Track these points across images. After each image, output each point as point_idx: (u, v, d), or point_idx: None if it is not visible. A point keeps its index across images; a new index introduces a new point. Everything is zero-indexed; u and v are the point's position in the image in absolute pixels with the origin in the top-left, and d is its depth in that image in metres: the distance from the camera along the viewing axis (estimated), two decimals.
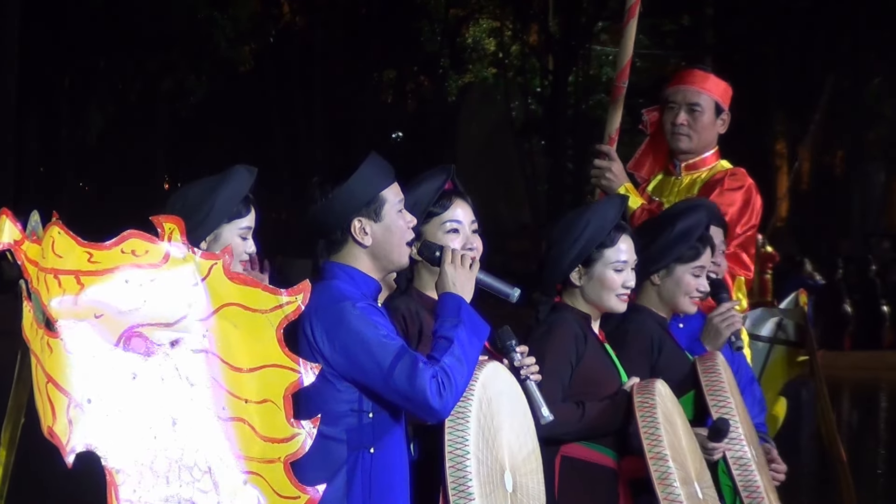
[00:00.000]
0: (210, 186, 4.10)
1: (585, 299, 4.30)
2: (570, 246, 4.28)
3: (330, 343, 3.52)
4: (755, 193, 5.38)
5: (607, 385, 4.21)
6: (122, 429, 3.03)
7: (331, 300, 3.56)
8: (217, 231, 4.07)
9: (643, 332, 4.52)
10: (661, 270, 4.59)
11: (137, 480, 3.02)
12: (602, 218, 4.30)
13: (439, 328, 3.61)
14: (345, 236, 3.64)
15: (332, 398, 3.54)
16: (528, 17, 28.94)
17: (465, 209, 4.02)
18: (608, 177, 5.39)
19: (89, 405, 2.98)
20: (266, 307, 3.29)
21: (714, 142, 5.52)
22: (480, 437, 3.62)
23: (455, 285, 3.71)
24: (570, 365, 4.19)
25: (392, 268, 3.73)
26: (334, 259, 3.67)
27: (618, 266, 4.26)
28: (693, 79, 5.51)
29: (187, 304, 3.18)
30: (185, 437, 3.11)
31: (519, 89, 29.80)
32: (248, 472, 3.18)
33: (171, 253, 3.17)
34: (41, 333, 2.98)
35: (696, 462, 4.22)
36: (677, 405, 4.26)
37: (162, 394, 3.10)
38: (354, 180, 3.62)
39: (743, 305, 5.47)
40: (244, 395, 3.22)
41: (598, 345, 4.29)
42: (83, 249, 3.06)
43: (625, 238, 4.28)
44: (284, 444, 3.26)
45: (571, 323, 4.25)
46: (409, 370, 3.48)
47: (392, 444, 3.62)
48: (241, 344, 3.24)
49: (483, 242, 4.10)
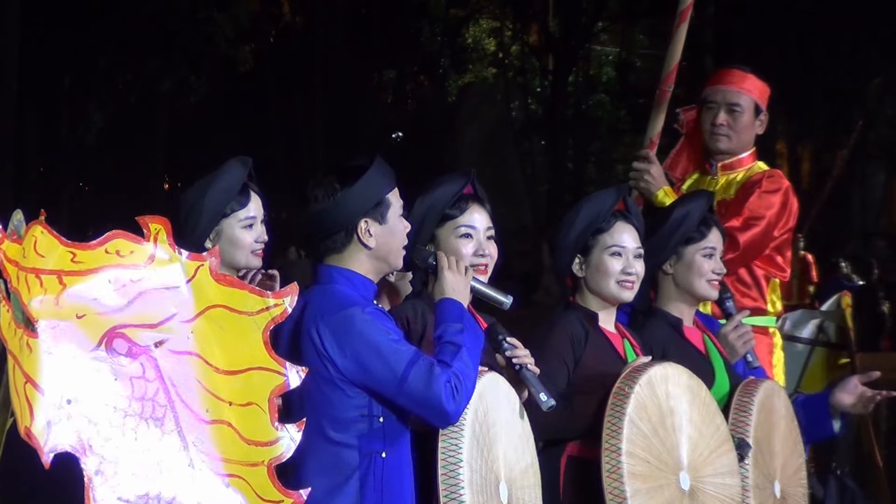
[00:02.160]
0: (203, 185, 4.12)
1: (591, 292, 4.31)
2: (566, 235, 4.30)
3: (340, 350, 3.51)
4: (792, 196, 5.37)
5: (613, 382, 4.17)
6: (102, 430, 3.02)
7: (337, 306, 3.56)
8: (218, 228, 4.09)
9: (643, 342, 4.49)
10: (671, 258, 4.58)
11: (117, 482, 3.00)
12: (597, 205, 4.31)
13: (444, 333, 3.61)
14: (349, 237, 3.63)
15: (342, 404, 3.54)
16: (528, 17, 28.91)
17: (482, 215, 4.02)
18: (647, 179, 5.37)
19: (69, 406, 2.97)
20: (253, 309, 3.28)
21: (752, 142, 5.50)
22: (475, 446, 3.61)
23: (455, 291, 3.72)
24: (564, 365, 4.18)
25: (387, 270, 3.75)
26: (334, 260, 3.66)
27: (613, 250, 4.25)
28: (733, 79, 5.48)
29: (172, 306, 3.17)
30: (167, 439, 3.10)
31: (519, 89, 29.81)
32: (230, 474, 3.17)
33: (157, 254, 3.17)
34: (20, 333, 2.96)
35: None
36: (691, 391, 4.19)
37: (144, 395, 3.09)
38: (364, 182, 3.61)
39: (777, 308, 5.46)
40: (228, 398, 3.21)
41: (605, 343, 4.26)
42: (66, 249, 3.05)
43: (623, 224, 4.28)
44: (268, 448, 3.25)
45: (570, 323, 4.24)
46: (425, 375, 3.48)
47: (401, 447, 3.62)
48: (226, 346, 3.23)
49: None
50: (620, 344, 4.32)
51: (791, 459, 4.51)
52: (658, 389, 4.06)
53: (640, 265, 4.30)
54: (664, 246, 4.56)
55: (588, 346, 4.22)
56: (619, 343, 4.32)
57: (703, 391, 4.20)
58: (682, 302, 4.62)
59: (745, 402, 4.39)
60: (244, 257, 4.15)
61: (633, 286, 4.28)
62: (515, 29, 29.94)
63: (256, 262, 4.18)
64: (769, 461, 4.38)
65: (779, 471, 4.42)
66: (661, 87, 5.52)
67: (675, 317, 4.60)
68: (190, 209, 4.08)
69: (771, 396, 4.48)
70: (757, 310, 5.37)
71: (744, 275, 5.37)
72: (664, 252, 4.56)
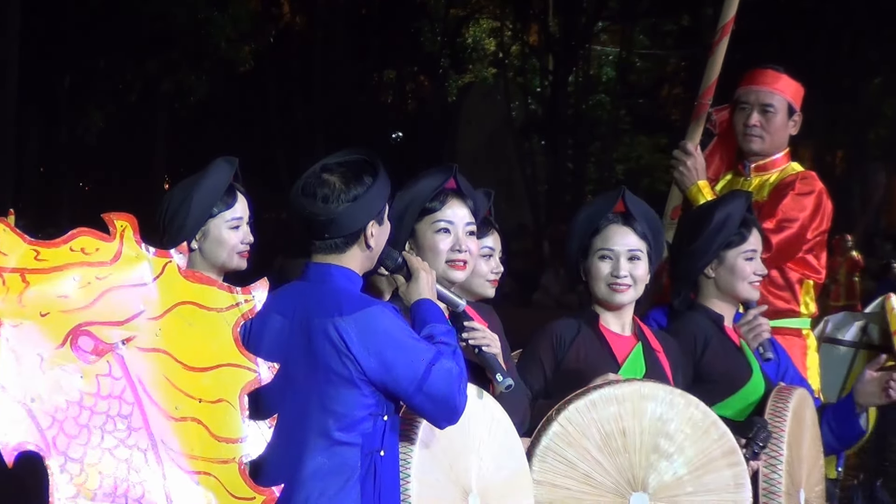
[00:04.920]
0: (189, 184, 4.10)
1: (591, 294, 4.31)
2: (568, 240, 4.33)
3: (364, 347, 3.47)
4: (825, 198, 5.32)
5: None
6: (67, 428, 3.01)
7: (356, 303, 3.52)
8: (204, 228, 4.06)
9: (687, 331, 4.51)
10: (713, 261, 4.58)
11: (82, 481, 2.99)
12: (593, 207, 4.32)
13: (435, 333, 3.60)
14: (355, 238, 3.61)
15: (355, 403, 3.50)
16: (528, 17, 28.91)
17: (461, 210, 3.99)
18: (681, 170, 5.30)
19: (32, 404, 2.96)
20: (222, 306, 3.28)
21: (785, 143, 5.43)
22: (429, 459, 3.59)
23: (432, 291, 3.72)
24: (540, 363, 4.21)
25: (370, 268, 3.73)
26: (332, 259, 3.62)
27: (602, 253, 4.25)
28: (766, 79, 5.42)
29: (139, 303, 3.17)
30: (134, 437, 3.09)
31: (519, 89, 29.78)
32: (199, 472, 3.16)
33: (123, 251, 3.16)
34: None
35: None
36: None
37: (110, 393, 3.08)
38: (378, 186, 3.60)
39: (810, 310, 5.41)
40: (198, 395, 3.21)
41: (598, 345, 4.25)
42: (30, 247, 3.04)
43: (616, 227, 4.27)
44: (240, 445, 3.24)
45: (558, 326, 4.26)
46: (445, 375, 3.47)
47: (395, 443, 3.60)
48: (195, 343, 3.23)
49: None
50: (625, 346, 4.29)
51: (814, 470, 4.51)
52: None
53: (639, 267, 4.26)
54: (706, 250, 4.56)
55: (575, 347, 4.21)
56: (623, 345, 4.29)
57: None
58: (724, 302, 4.64)
59: (779, 407, 4.36)
60: (230, 258, 4.13)
61: (628, 289, 4.25)
62: (515, 29, 29.92)
63: (242, 263, 4.16)
64: (798, 469, 4.36)
65: (804, 479, 4.41)
66: (700, 101, 5.44)
67: (716, 313, 4.61)
68: (176, 209, 4.06)
69: (802, 405, 4.46)
70: (789, 311, 5.33)
71: (776, 276, 5.32)
72: (706, 256, 4.57)
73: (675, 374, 4.31)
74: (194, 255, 4.10)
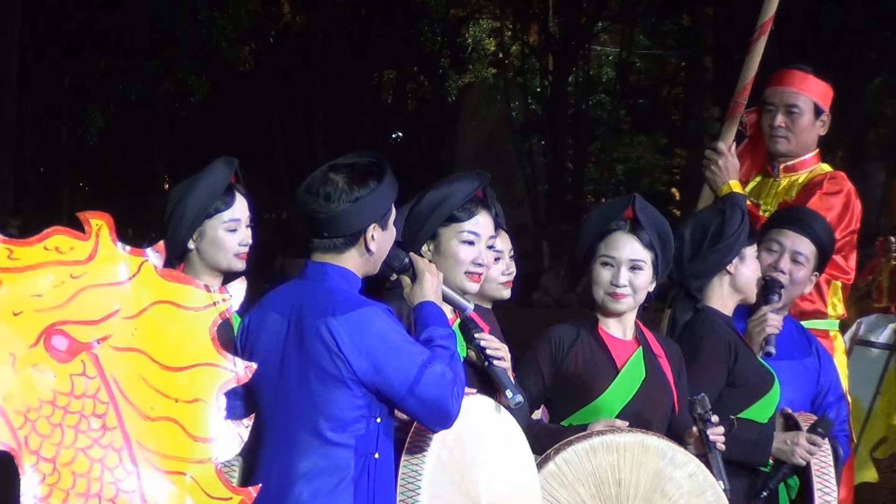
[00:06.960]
0: (188, 184, 4.08)
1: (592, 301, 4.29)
2: (577, 246, 4.33)
3: (356, 348, 3.46)
4: (854, 198, 5.27)
5: (596, 387, 4.19)
6: (40, 428, 2.99)
7: (350, 304, 3.51)
8: (201, 228, 4.04)
9: (719, 336, 4.51)
10: (735, 259, 4.60)
11: (55, 480, 2.98)
12: (604, 212, 4.33)
13: (434, 336, 3.58)
14: (355, 239, 3.60)
15: (346, 404, 3.49)
16: (528, 17, 28.88)
17: (487, 222, 3.99)
18: (713, 169, 5.24)
19: (4, 403, 2.95)
20: (199, 305, 3.26)
21: (814, 144, 5.40)
22: (441, 471, 3.56)
23: (435, 294, 3.71)
24: (538, 369, 4.20)
25: (370, 272, 3.70)
26: (331, 258, 3.61)
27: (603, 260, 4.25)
28: (791, 80, 5.39)
29: (115, 302, 3.15)
30: (108, 436, 3.08)
31: (519, 89, 29.73)
32: (175, 472, 3.15)
33: (98, 250, 3.15)
34: None
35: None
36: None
37: (84, 392, 3.07)
38: (383, 188, 3.59)
39: (838, 311, 5.36)
40: (174, 395, 3.20)
41: (597, 350, 4.24)
42: (3, 246, 3.03)
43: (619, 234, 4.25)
44: (216, 444, 3.22)
45: (557, 332, 4.26)
46: (437, 378, 3.45)
47: (390, 446, 3.60)
48: (172, 342, 3.22)
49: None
50: (625, 351, 4.27)
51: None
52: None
53: (641, 276, 4.23)
54: (731, 248, 4.57)
55: (573, 353, 4.20)
56: (623, 350, 4.28)
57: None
58: (732, 301, 4.63)
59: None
60: (227, 259, 4.10)
61: (625, 298, 4.23)
62: (515, 29, 29.88)
63: (240, 264, 4.13)
64: None
65: None
66: (736, 100, 5.39)
67: (727, 316, 4.62)
68: (173, 209, 4.04)
69: None
70: (816, 313, 5.29)
71: None
72: (731, 254, 4.56)
73: (677, 380, 4.29)
74: (192, 256, 4.09)
